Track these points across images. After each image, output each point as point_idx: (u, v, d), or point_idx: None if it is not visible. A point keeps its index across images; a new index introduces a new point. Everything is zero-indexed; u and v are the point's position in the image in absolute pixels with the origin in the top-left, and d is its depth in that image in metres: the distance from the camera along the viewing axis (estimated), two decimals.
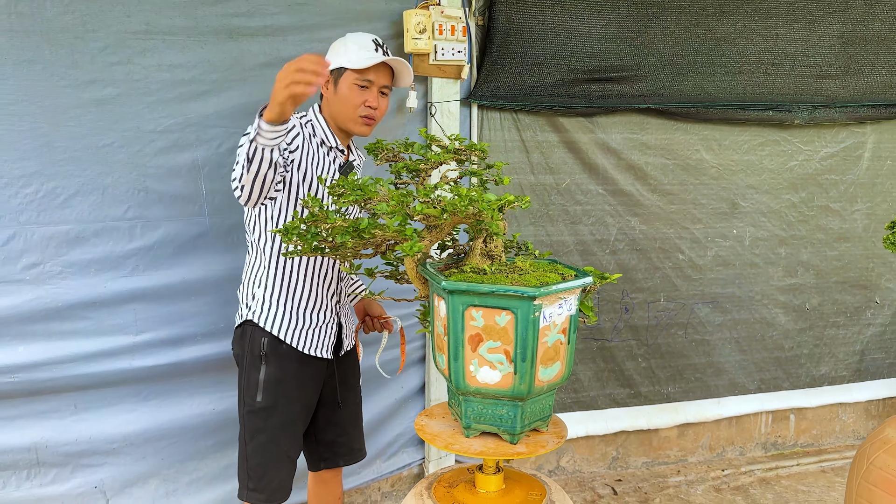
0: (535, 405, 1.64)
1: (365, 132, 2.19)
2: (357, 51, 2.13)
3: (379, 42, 2.19)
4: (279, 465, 2.16)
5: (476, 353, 1.55)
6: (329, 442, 2.37)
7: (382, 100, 2.19)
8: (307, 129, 2.16)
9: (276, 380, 2.13)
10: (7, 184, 2.43)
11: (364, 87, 2.13)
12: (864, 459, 2.31)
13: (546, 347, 1.55)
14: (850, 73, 3.53)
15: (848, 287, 3.81)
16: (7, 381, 2.49)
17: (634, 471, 3.64)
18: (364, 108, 2.14)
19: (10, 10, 2.37)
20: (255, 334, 2.15)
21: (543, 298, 1.49)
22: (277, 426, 2.14)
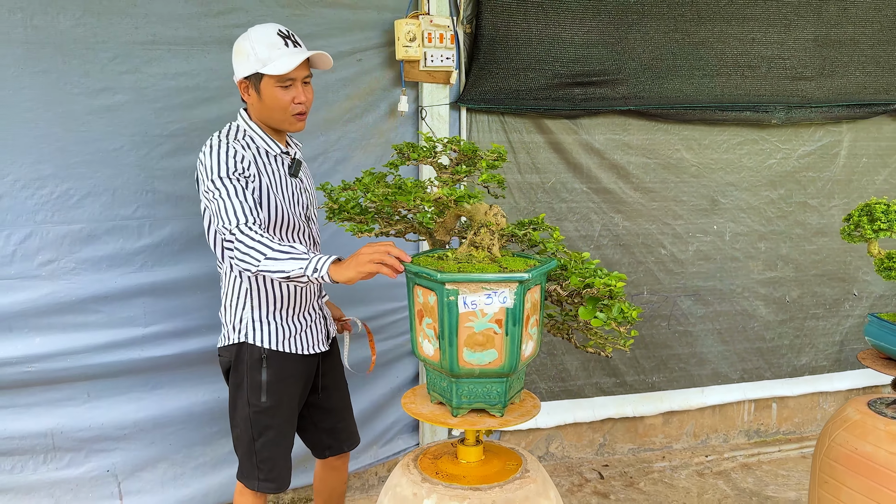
0: (474, 387, 1.74)
1: (300, 128, 2.18)
2: (268, 52, 2.06)
3: (284, 32, 2.11)
4: (286, 456, 2.27)
5: (421, 327, 1.73)
6: (329, 429, 2.46)
7: (308, 90, 2.15)
8: (252, 148, 2.13)
9: (277, 380, 2.20)
10: (24, 186, 2.60)
11: (287, 86, 2.09)
12: (826, 437, 2.47)
13: (471, 332, 1.65)
14: (824, 74, 3.69)
15: (826, 280, 3.96)
16: (25, 370, 2.66)
17: (621, 457, 3.80)
18: (294, 106, 2.12)
19: (27, 24, 2.54)
20: (254, 350, 2.18)
21: (458, 285, 1.62)
22: (283, 422, 2.24)
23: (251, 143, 2.15)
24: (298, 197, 2.23)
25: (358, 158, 3.05)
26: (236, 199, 1.98)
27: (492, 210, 1.85)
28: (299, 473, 3.12)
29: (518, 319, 1.66)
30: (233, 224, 1.94)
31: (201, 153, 2.08)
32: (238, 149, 2.07)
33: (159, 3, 2.67)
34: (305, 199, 2.28)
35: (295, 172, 2.23)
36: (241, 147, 2.09)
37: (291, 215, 2.17)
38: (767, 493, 3.45)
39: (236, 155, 2.05)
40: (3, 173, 2.57)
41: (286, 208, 2.15)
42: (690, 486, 3.51)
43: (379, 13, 2.98)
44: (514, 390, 1.82)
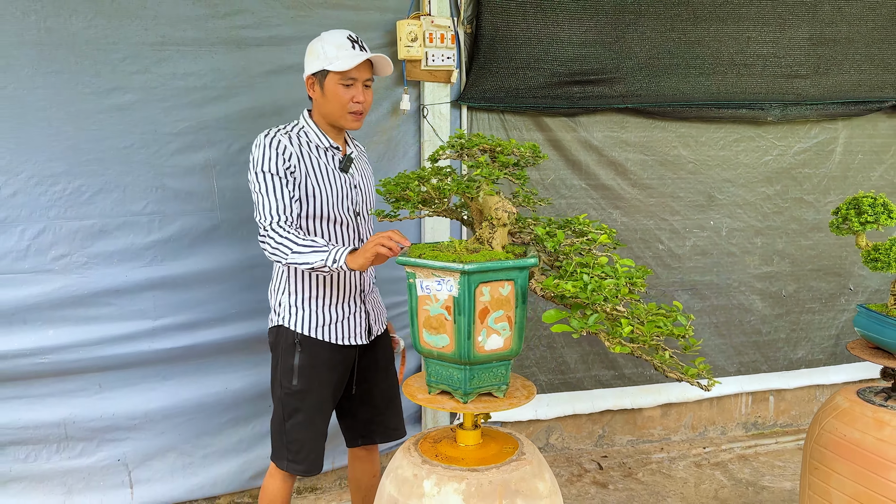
0: (439, 368, 1.85)
1: (356, 126, 2.32)
2: (336, 52, 2.22)
3: (353, 38, 2.26)
4: (315, 440, 2.35)
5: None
6: (366, 420, 2.54)
7: (367, 92, 2.30)
8: (302, 139, 2.28)
9: (309, 365, 2.30)
10: (38, 182, 2.69)
11: (349, 85, 2.24)
12: (817, 425, 2.54)
13: (427, 315, 1.77)
14: (819, 72, 3.75)
15: (822, 275, 4.03)
16: (39, 361, 2.74)
17: (620, 448, 3.87)
18: (353, 105, 2.25)
19: (40, 26, 2.63)
20: (288, 334, 2.32)
21: (415, 269, 1.75)
22: (312, 406, 2.32)
23: (303, 136, 2.30)
24: (347, 192, 2.32)
25: None
26: (273, 196, 2.17)
27: (497, 204, 1.90)
28: None
29: (464, 309, 1.72)
30: (266, 222, 2.15)
31: (253, 144, 2.24)
32: (283, 140, 2.23)
33: (168, 5, 2.75)
34: (355, 196, 2.35)
35: (345, 168, 2.33)
36: (287, 140, 2.24)
37: (336, 209, 2.28)
38: (764, 484, 3.52)
39: (279, 146, 2.20)
40: (17, 170, 2.66)
41: (331, 201, 2.27)
42: (688, 477, 3.58)
43: (381, 14, 3.06)
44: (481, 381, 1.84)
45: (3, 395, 2.74)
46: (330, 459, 3.24)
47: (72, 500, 2.89)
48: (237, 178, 2.90)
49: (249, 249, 2.96)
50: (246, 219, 2.94)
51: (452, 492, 1.77)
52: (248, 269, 2.97)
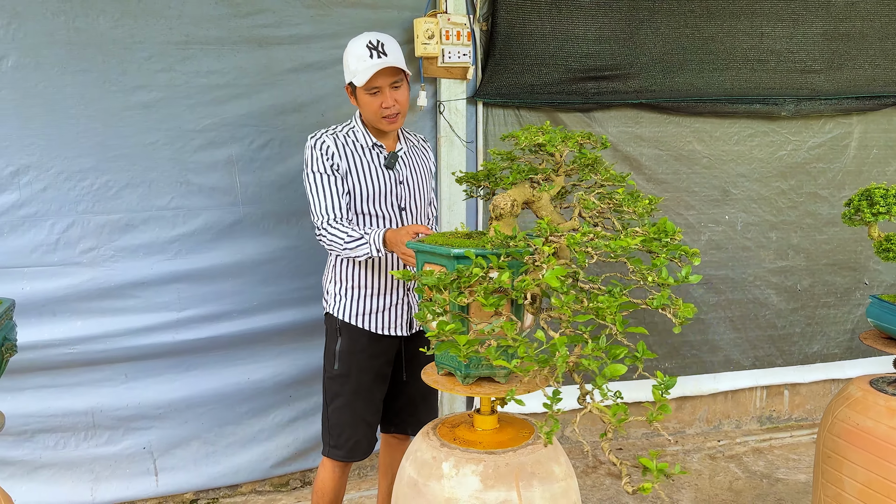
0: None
1: (392, 128, 2.37)
2: (356, 64, 2.29)
3: (373, 44, 2.29)
4: (355, 426, 2.42)
5: None
6: (398, 409, 2.61)
7: (397, 93, 2.33)
8: (349, 138, 2.37)
9: (349, 351, 2.41)
10: (67, 178, 2.77)
11: (375, 93, 2.30)
12: (829, 415, 2.57)
13: None
14: (833, 67, 3.77)
15: (837, 269, 4.04)
16: (67, 352, 2.83)
17: (634, 441, 3.91)
18: (382, 111, 2.32)
19: (69, 26, 2.71)
20: (333, 321, 2.45)
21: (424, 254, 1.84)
22: (352, 391, 2.40)
23: (351, 136, 2.40)
24: (391, 188, 2.39)
25: None
26: (322, 194, 2.32)
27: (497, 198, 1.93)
28: None
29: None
30: (318, 221, 2.32)
31: (306, 146, 2.38)
32: (328, 140, 2.35)
33: (192, 4, 2.83)
34: (400, 191, 2.41)
35: (390, 165, 2.40)
36: (332, 140, 2.36)
37: (378, 206, 2.37)
38: (778, 476, 3.54)
39: (323, 146, 2.34)
40: (47, 166, 2.74)
41: (372, 198, 2.36)
42: (703, 469, 3.61)
43: (399, 12, 3.12)
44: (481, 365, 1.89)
45: (33, 385, 2.83)
46: None
47: (99, 486, 2.97)
48: (259, 174, 2.97)
49: (270, 243, 3.04)
50: (267, 213, 3.02)
51: (470, 473, 1.83)
52: (268, 263, 3.05)
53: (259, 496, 3.24)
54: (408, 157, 2.48)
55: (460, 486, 1.82)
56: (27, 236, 2.75)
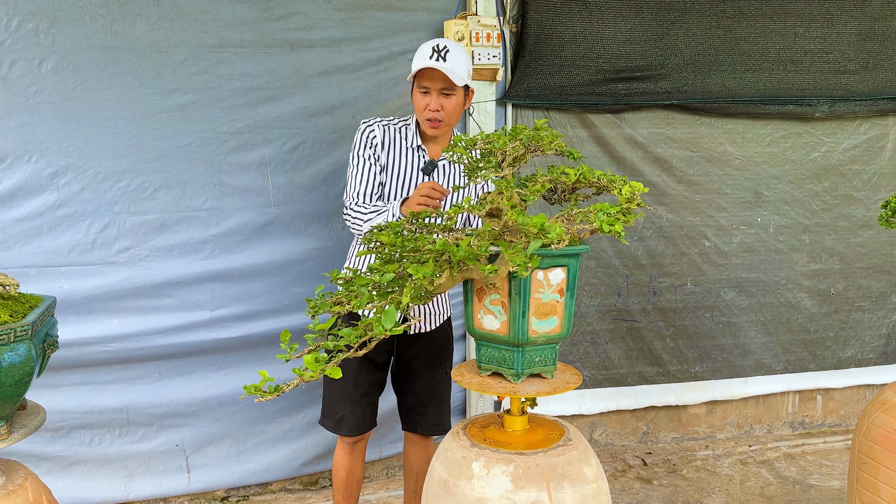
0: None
1: (433, 133, 2.41)
2: (416, 60, 2.37)
3: (438, 48, 2.33)
4: (341, 401, 2.54)
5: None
6: (409, 408, 2.68)
7: (446, 101, 2.36)
8: (400, 133, 2.46)
9: None
10: (103, 179, 2.83)
11: (425, 92, 2.35)
12: (865, 420, 2.53)
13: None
14: (868, 68, 3.71)
15: (873, 273, 3.97)
16: (103, 349, 2.88)
17: (664, 445, 3.88)
18: (427, 112, 2.36)
19: (107, 30, 2.77)
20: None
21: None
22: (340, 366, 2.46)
23: (401, 130, 2.49)
24: None
25: None
26: (359, 178, 2.43)
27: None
28: None
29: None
30: (347, 201, 2.44)
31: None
32: (377, 129, 2.45)
33: (226, 8, 2.87)
34: None
35: (427, 171, 2.46)
36: (382, 130, 2.46)
37: None
38: (811, 482, 3.49)
39: (370, 134, 2.45)
40: (84, 167, 2.80)
41: (402, 196, 2.44)
42: (733, 474, 3.58)
43: (429, 15, 3.14)
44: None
45: (70, 382, 2.88)
46: (377, 449, 3.33)
47: (133, 483, 3.02)
48: (291, 176, 3.01)
49: (302, 244, 3.07)
50: (298, 214, 3.05)
51: (501, 473, 1.83)
52: (299, 263, 3.08)
53: (289, 494, 3.27)
54: (450, 169, 2.51)
55: (490, 487, 1.82)
56: (65, 236, 2.81)
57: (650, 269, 3.65)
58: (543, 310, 1.86)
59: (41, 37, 2.70)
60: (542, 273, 1.82)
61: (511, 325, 1.86)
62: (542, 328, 1.87)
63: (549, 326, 1.88)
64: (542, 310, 1.85)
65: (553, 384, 1.94)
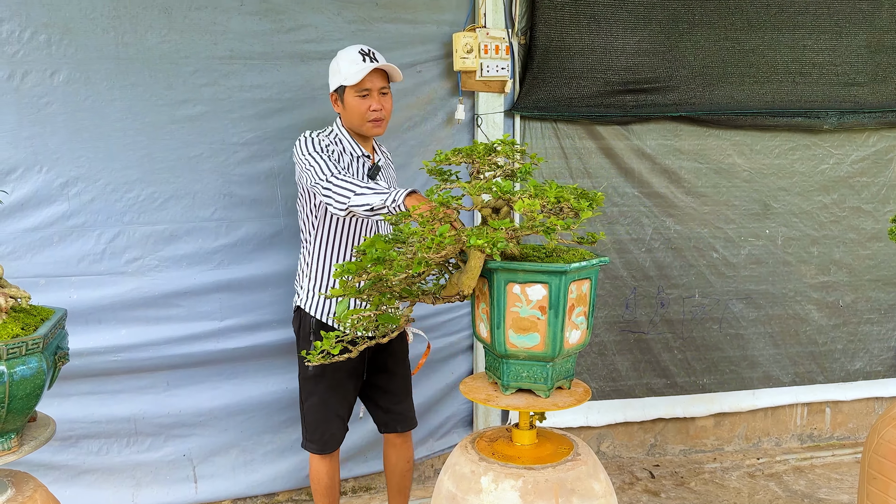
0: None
1: (378, 132, 2.53)
2: (348, 67, 2.45)
3: (365, 51, 2.48)
4: (328, 421, 2.58)
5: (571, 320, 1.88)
6: (386, 409, 2.74)
7: (384, 99, 2.51)
8: (338, 145, 2.53)
9: None
10: (114, 189, 2.84)
11: (364, 95, 2.46)
12: (875, 434, 2.51)
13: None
14: (877, 80, 3.71)
15: (881, 285, 3.95)
16: (112, 359, 2.89)
17: (672, 457, 3.86)
18: (370, 113, 2.47)
19: (118, 42, 2.79)
20: (305, 317, 2.59)
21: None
22: (326, 390, 2.56)
23: (339, 143, 2.55)
24: None
25: (416, 165, 3.22)
26: (324, 161, 2.38)
27: None
28: (359, 462, 3.30)
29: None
30: (325, 176, 2.33)
31: (297, 141, 2.50)
32: (324, 139, 2.51)
33: (236, 21, 2.89)
34: None
35: (373, 175, 2.54)
36: (330, 142, 2.52)
37: None
38: (819, 496, 3.47)
39: (322, 142, 2.49)
40: (95, 178, 2.81)
41: None
42: (741, 487, 3.56)
43: (438, 27, 3.15)
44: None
45: (78, 391, 2.89)
46: None
47: (140, 492, 3.03)
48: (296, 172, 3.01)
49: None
50: None
51: (510, 488, 1.83)
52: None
53: None
54: (385, 169, 2.66)
55: (499, 501, 1.82)
56: (75, 246, 2.82)
57: (658, 281, 3.64)
58: (522, 325, 1.85)
59: (53, 48, 2.72)
60: (520, 287, 1.83)
61: (491, 335, 1.90)
62: (521, 343, 1.87)
63: (529, 342, 1.87)
64: (520, 324, 1.85)
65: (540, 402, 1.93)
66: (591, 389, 2.04)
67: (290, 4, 2.94)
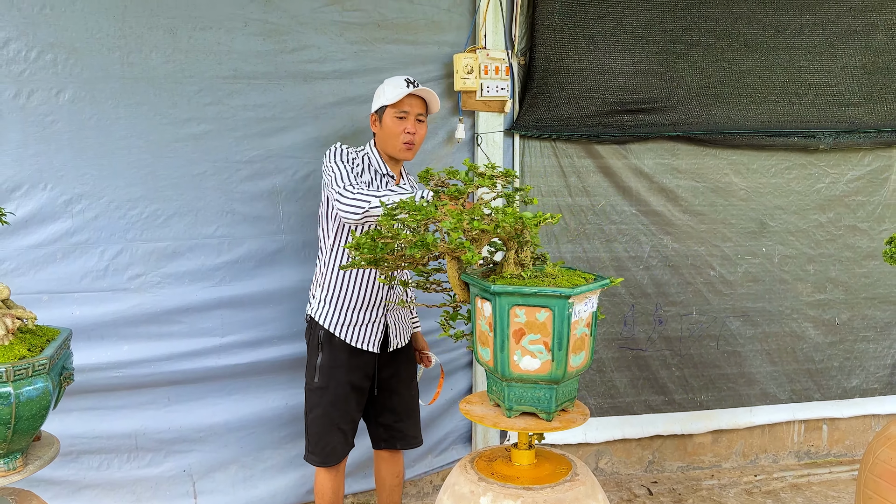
0: (566, 388, 1.95)
1: (408, 156, 2.61)
2: (392, 90, 2.56)
3: (410, 80, 2.59)
4: (331, 434, 2.63)
5: (520, 345, 1.88)
6: (387, 426, 2.79)
7: (420, 126, 2.61)
8: (365, 161, 2.61)
9: (329, 365, 2.61)
10: (117, 206, 2.87)
11: (402, 117, 2.56)
12: (871, 454, 2.54)
13: (575, 338, 1.87)
14: (872, 100, 3.76)
15: (877, 303, 3.99)
16: (113, 375, 2.91)
17: (670, 474, 3.88)
18: (405, 135, 2.56)
19: (123, 61, 2.82)
20: (315, 328, 2.65)
21: (575, 297, 1.82)
22: (330, 403, 2.61)
23: (367, 159, 2.63)
24: None
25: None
26: (346, 171, 2.46)
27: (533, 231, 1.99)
28: (359, 479, 3.31)
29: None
30: (342, 185, 2.40)
31: (327, 150, 2.57)
32: (351, 152, 2.58)
33: (240, 41, 2.93)
34: None
35: None
36: (354, 153, 2.60)
37: None
38: None
39: (349, 154, 2.56)
40: (99, 195, 2.84)
41: None
42: None
43: (439, 48, 3.20)
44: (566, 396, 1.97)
45: (79, 407, 2.90)
46: None
47: None
48: (302, 204, 3.05)
49: (311, 271, 3.08)
50: (309, 242, 3.08)
51: None
52: (308, 291, 3.10)
53: None
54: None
55: None
56: (78, 262, 2.84)
57: (656, 298, 3.67)
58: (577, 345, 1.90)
59: (59, 67, 2.75)
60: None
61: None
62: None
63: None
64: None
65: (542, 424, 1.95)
66: (588, 410, 2.06)
67: (293, 25, 2.98)
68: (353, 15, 3.05)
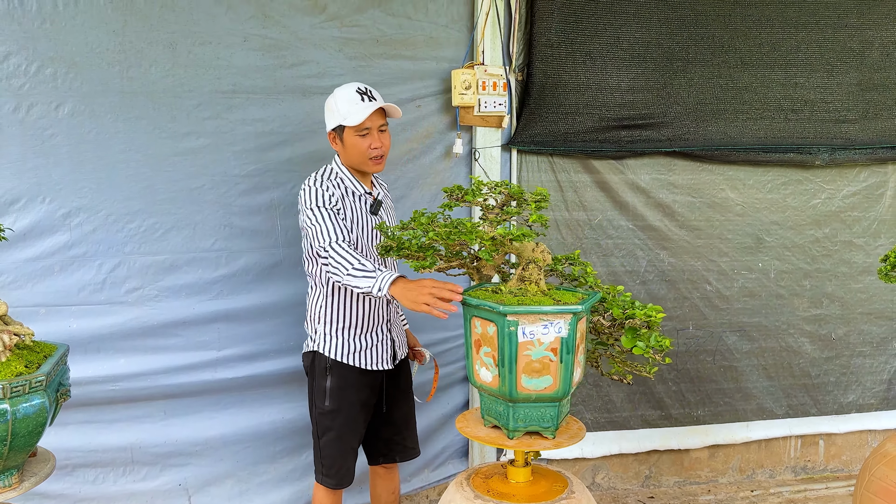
0: (529, 411, 1.91)
1: (378, 169, 2.56)
2: (347, 107, 2.47)
3: (362, 90, 2.51)
4: (345, 456, 2.59)
5: (478, 356, 1.90)
6: (386, 439, 2.76)
7: (384, 136, 2.54)
8: (341, 187, 2.54)
9: (339, 388, 2.55)
10: (115, 220, 2.88)
11: (364, 134, 2.48)
12: (866, 472, 2.54)
13: (529, 360, 1.84)
14: (868, 117, 3.78)
15: (873, 318, 3.99)
16: (110, 388, 2.90)
17: (666, 489, 3.87)
18: (371, 151, 2.50)
19: (123, 76, 2.84)
20: (322, 359, 2.59)
21: (519, 317, 1.80)
22: (343, 425, 2.56)
23: (340, 183, 2.56)
24: (377, 232, 2.53)
25: (415, 197, 3.27)
26: (329, 222, 2.39)
27: (539, 247, 2.02)
28: (354, 494, 3.30)
29: (571, 348, 1.83)
30: (326, 242, 2.35)
31: (302, 188, 2.52)
32: (330, 187, 2.50)
33: (239, 56, 2.94)
34: (379, 235, 2.54)
35: (375, 211, 2.59)
36: (332, 186, 2.52)
37: (368, 248, 2.52)
38: None
39: (328, 190, 2.48)
40: (97, 209, 2.85)
41: (364, 242, 2.52)
42: None
43: (437, 64, 3.21)
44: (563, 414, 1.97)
45: (76, 420, 2.90)
46: None
47: None
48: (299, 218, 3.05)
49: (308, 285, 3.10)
50: None
51: None
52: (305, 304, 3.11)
53: None
54: (384, 201, 2.70)
55: None
56: (76, 276, 2.85)
57: None
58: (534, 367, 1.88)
59: (59, 81, 2.77)
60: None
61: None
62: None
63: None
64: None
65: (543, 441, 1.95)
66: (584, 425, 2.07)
67: (292, 41, 3.00)
68: (351, 31, 3.07)
